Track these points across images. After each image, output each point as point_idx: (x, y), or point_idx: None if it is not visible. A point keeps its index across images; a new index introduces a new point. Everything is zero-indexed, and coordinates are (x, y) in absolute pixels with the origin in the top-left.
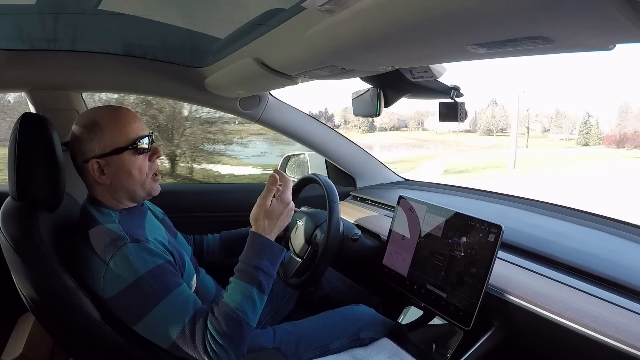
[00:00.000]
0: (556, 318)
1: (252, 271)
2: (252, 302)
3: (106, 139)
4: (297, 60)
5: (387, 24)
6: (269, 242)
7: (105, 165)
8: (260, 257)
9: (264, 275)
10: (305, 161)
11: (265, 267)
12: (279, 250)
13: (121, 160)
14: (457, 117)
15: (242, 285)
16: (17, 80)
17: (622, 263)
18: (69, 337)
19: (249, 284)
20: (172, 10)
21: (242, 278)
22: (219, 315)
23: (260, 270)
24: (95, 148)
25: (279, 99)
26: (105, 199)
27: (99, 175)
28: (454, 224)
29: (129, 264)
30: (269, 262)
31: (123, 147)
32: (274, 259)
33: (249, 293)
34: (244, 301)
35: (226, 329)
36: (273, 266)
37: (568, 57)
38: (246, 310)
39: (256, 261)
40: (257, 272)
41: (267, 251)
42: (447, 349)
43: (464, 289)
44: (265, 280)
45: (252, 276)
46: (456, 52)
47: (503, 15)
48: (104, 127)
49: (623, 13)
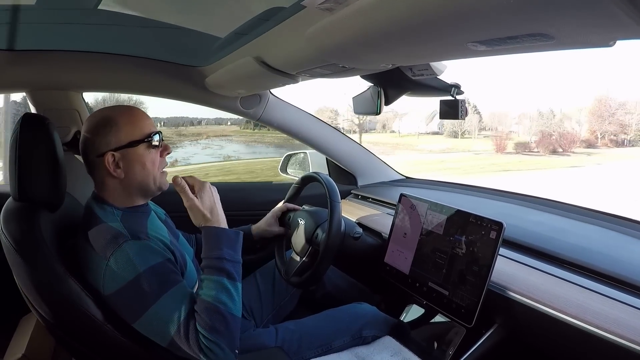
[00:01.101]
0: (558, 314)
1: (215, 263)
2: (226, 291)
3: (122, 133)
4: (297, 59)
5: (387, 22)
6: (221, 230)
7: (121, 159)
8: (218, 247)
9: (228, 263)
10: (306, 160)
11: (227, 255)
12: (234, 234)
13: (136, 153)
14: (458, 115)
15: (211, 279)
16: (18, 80)
17: (623, 259)
18: (71, 338)
19: (217, 275)
20: (172, 10)
21: (209, 272)
22: (201, 312)
23: (223, 259)
24: (111, 142)
25: (280, 97)
26: (114, 195)
27: (114, 169)
28: (455, 221)
29: (129, 261)
30: (228, 249)
31: (138, 140)
32: (232, 244)
33: (220, 283)
34: (218, 293)
35: (211, 323)
36: (234, 251)
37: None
38: (224, 301)
39: (216, 252)
40: (220, 262)
41: (222, 239)
42: (450, 346)
43: (466, 287)
44: (231, 267)
45: (218, 267)
46: (456, 50)
47: (503, 13)
48: (120, 122)
49: (623, 10)
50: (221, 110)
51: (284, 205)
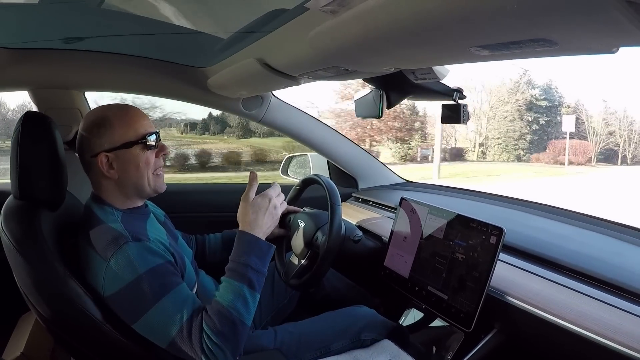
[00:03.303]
0: (557, 320)
1: (240, 269)
2: (243, 299)
3: (116, 134)
4: (300, 61)
5: (391, 25)
6: (255, 239)
7: (114, 159)
8: (248, 254)
9: (253, 272)
10: (307, 162)
11: (254, 264)
12: (266, 247)
13: (130, 154)
14: (460, 119)
15: (232, 284)
16: (20, 78)
17: (623, 266)
18: (70, 337)
19: (239, 281)
20: (174, 10)
21: (232, 276)
22: (213, 314)
23: (249, 267)
24: (104, 142)
25: (282, 99)
26: (111, 196)
27: (107, 169)
28: (455, 226)
29: (130, 262)
30: (257, 259)
31: (132, 142)
32: (262, 255)
33: (240, 291)
34: (235, 299)
35: (220, 328)
36: (262, 263)
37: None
38: (238, 308)
39: (244, 259)
40: (245, 270)
41: (254, 248)
42: (448, 350)
43: (465, 291)
44: (255, 277)
45: (242, 274)
46: (459, 54)
47: (506, 18)
48: (114, 123)
49: (626, 17)
50: (223, 111)
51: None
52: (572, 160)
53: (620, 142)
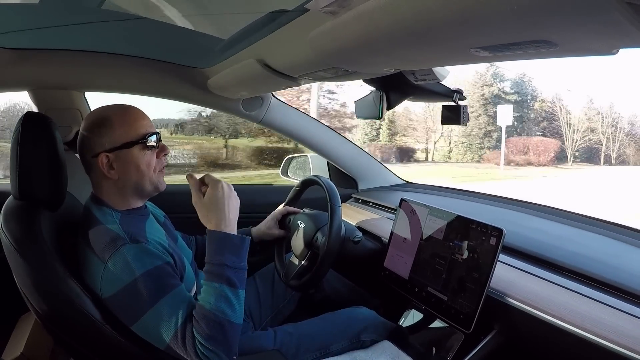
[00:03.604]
0: (557, 321)
1: (216, 270)
2: (226, 299)
3: (116, 134)
4: (300, 62)
5: (391, 26)
6: (225, 235)
7: (115, 160)
8: (221, 252)
9: (230, 270)
10: (307, 163)
11: (230, 262)
12: (239, 240)
13: (130, 155)
14: (460, 120)
15: (211, 286)
16: (20, 79)
17: (623, 267)
18: (69, 337)
19: (218, 282)
20: (175, 11)
21: (210, 279)
22: (199, 319)
23: (225, 265)
24: (105, 142)
25: (282, 100)
26: (111, 197)
27: (107, 170)
28: (455, 227)
29: (127, 264)
30: (231, 256)
31: (133, 142)
32: (236, 250)
33: (220, 291)
34: (217, 301)
35: (209, 332)
36: (238, 258)
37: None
38: (223, 309)
39: (218, 258)
40: (222, 269)
41: (226, 245)
42: (448, 351)
43: (465, 292)
44: (233, 274)
45: (218, 274)
46: (459, 55)
47: (506, 19)
48: (115, 123)
49: (627, 18)
50: (223, 112)
51: (284, 208)
52: (532, 160)
53: (603, 140)
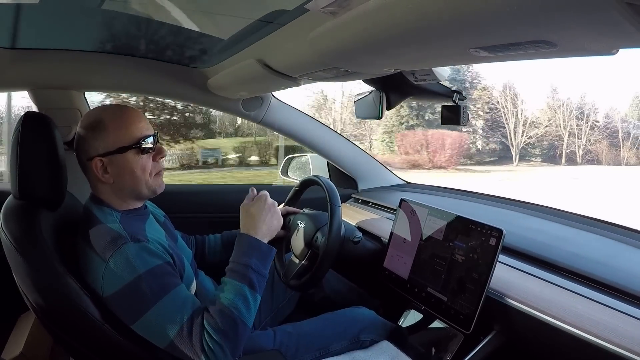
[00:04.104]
0: (556, 322)
1: (241, 269)
2: (244, 299)
3: (110, 138)
4: (299, 62)
5: (391, 27)
6: (256, 241)
7: (109, 164)
8: (248, 255)
9: (253, 273)
10: (307, 163)
11: (255, 265)
12: (267, 248)
13: (125, 160)
14: (460, 120)
15: (233, 284)
16: (20, 78)
17: (622, 268)
18: (69, 336)
19: (240, 282)
20: (175, 11)
21: (232, 277)
22: (214, 313)
23: (250, 268)
24: (99, 146)
25: (282, 100)
26: (108, 198)
27: (102, 174)
28: (455, 227)
29: (129, 263)
30: (257, 261)
31: (127, 147)
32: (263, 257)
33: (241, 291)
34: (236, 299)
35: (221, 326)
36: (263, 264)
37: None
38: (239, 308)
39: (245, 260)
40: (246, 270)
41: (254, 250)
42: (447, 352)
43: (465, 293)
44: (255, 277)
45: (242, 274)
46: (459, 55)
47: (506, 19)
48: (109, 126)
49: (627, 18)
50: (223, 112)
51: (284, 208)
52: (428, 160)
53: (565, 136)
